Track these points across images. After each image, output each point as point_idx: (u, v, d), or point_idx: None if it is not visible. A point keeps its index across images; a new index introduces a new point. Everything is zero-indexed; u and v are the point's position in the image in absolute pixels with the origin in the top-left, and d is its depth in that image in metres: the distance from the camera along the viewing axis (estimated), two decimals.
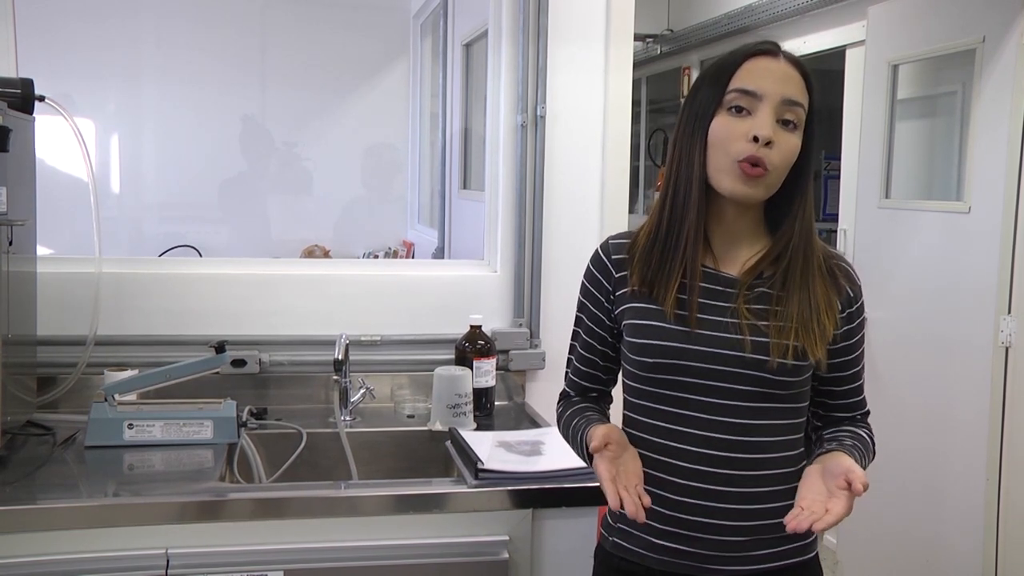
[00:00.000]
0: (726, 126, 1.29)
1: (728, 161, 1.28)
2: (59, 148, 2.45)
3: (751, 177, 1.27)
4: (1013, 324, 2.74)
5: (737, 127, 1.28)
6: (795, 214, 1.33)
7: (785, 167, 1.30)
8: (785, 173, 1.31)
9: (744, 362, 1.30)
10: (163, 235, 3.94)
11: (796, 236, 1.33)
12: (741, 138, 1.27)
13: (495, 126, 2.43)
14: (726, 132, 1.28)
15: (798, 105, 1.29)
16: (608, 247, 1.43)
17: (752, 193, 1.29)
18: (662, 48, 5.00)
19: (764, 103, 1.28)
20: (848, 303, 1.37)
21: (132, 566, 1.60)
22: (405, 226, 4.39)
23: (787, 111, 1.28)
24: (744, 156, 1.27)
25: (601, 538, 1.46)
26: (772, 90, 1.28)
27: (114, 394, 1.95)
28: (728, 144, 1.28)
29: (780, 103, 1.28)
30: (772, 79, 1.28)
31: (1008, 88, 2.72)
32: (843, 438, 1.38)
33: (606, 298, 1.42)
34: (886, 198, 3.28)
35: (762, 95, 1.28)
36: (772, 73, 1.29)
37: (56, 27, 3.83)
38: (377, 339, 2.33)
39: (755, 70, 1.29)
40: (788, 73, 1.30)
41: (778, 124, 1.28)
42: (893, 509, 3.17)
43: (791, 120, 1.29)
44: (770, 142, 1.26)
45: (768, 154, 1.27)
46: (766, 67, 1.29)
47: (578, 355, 1.48)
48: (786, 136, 1.28)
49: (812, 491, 1.24)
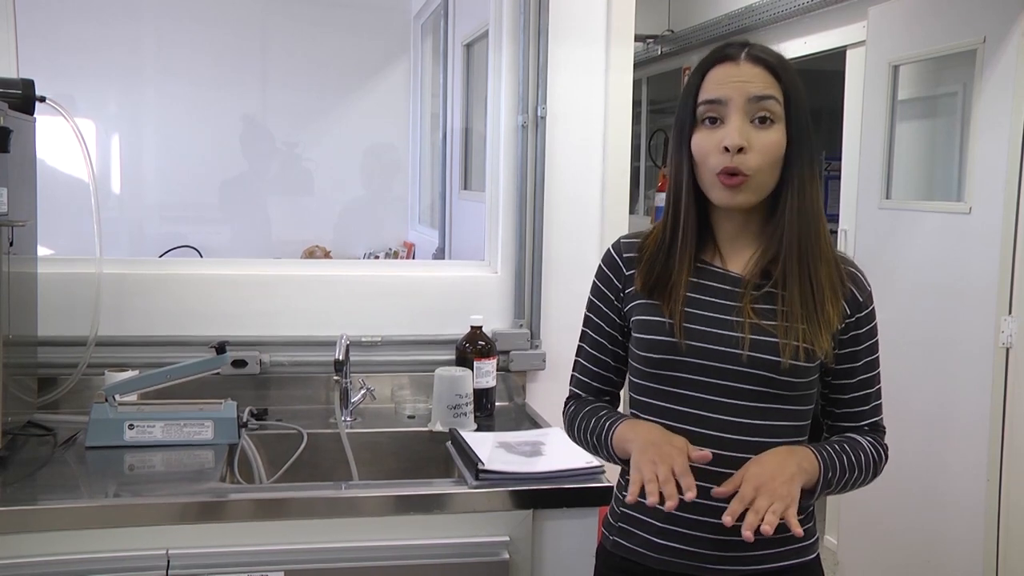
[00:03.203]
0: (702, 140, 1.31)
1: (710, 175, 1.30)
2: (60, 149, 2.45)
3: (731, 187, 1.28)
4: (1014, 325, 2.74)
5: (711, 140, 1.29)
6: (783, 207, 1.32)
7: (769, 165, 1.29)
8: (772, 171, 1.30)
9: (748, 361, 1.30)
10: (164, 236, 3.94)
11: (787, 227, 1.31)
12: (715, 150, 1.29)
13: (496, 126, 2.44)
14: (703, 146, 1.30)
15: (768, 99, 1.29)
16: (620, 246, 1.44)
17: (740, 200, 1.30)
18: (663, 48, 5.00)
19: (731, 109, 1.29)
20: (857, 308, 1.36)
21: (133, 567, 1.60)
22: (406, 227, 4.39)
23: (758, 108, 1.29)
24: (719, 168, 1.28)
25: (602, 537, 1.46)
26: (735, 94, 1.29)
27: (115, 395, 1.95)
28: (706, 159, 1.30)
29: (747, 103, 1.28)
30: (733, 83, 1.29)
31: (1009, 88, 2.72)
32: (834, 440, 1.37)
33: (616, 296, 1.42)
34: (887, 199, 3.28)
35: (727, 101, 1.29)
36: (733, 77, 1.30)
37: (57, 28, 3.83)
38: (378, 340, 2.33)
39: (717, 78, 1.31)
40: (750, 72, 1.30)
41: (753, 124, 1.28)
42: (894, 510, 3.17)
43: (766, 115, 1.29)
44: (741, 148, 1.27)
45: (743, 160, 1.27)
46: (727, 73, 1.30)
47: (587, 355, 1.47)
48: (762, 134, 1.29)
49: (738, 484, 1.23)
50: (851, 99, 3.55)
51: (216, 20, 4.06)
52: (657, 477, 1.19)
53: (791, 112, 1.30)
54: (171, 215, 4.15)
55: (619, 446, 1.35)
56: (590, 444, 1.42)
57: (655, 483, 1.19)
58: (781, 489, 1.21)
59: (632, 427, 1.34)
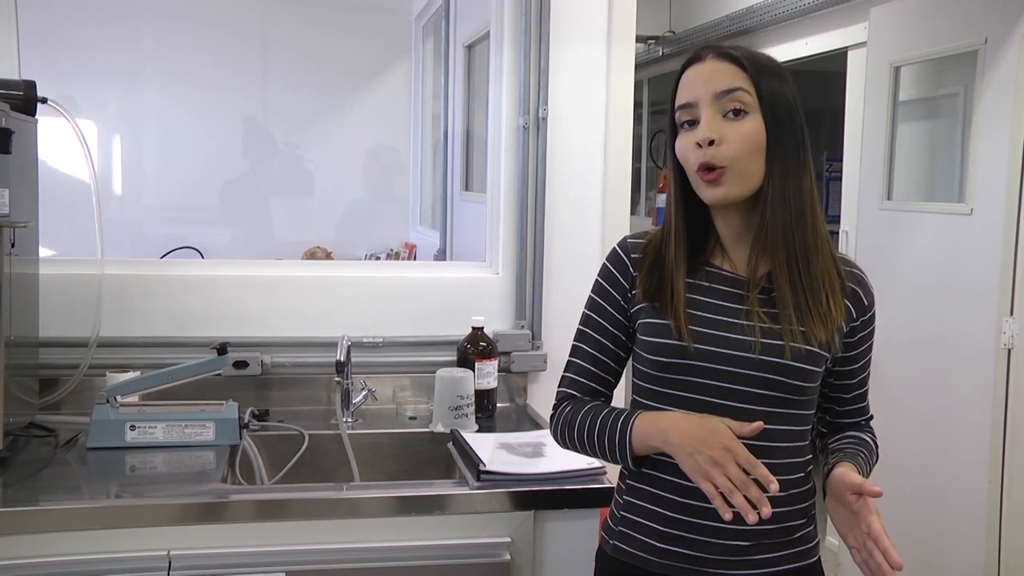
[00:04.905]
0: (681, 144, 1.34)
1: (692, 175, 1.32)
2: (61, 150, 2.45)
3: (710, 182, 1.30)
4: (1015, 326, 2.74)
5: (688, 141, 1.32)
6: (765, 194, 1.31)
7: (745, 154, 1.29)
8: (752, 160, 1.29)
9: (753, 364, 1.30)
10: (165, 237, 3.94)
11: (770, 215, 1.30)
12: (691, 150, 1.31)
13: (497, 128, 2.44)
14: (682, 149, 1.33)
15: (735, 91, 1.29)
16: (627, 245, 1.43)
17: (722, 193, 1.30)
18: (664, 50, 5.00)
19: (700, 108, 1.31)
20: (862, 311, 1.37)
21: (134, 567, 1.60)
22: (407, 228, 4.39)
23: (728, 101, 1.30)
24: (696, 165, 1.30)
25: (602, 541, 1.46)
26: (702, 92, 1.31)
27: (116, 396, 1.95)
28: (686, 160, 1.33)
29: (714, 99, 1.30)
30: (698, 82, 1.32)
31: (1010, 89, 2.72)
32: (846, 447, 1.40)
33: (623, 296, 1.41)
34: (888, 200, 3.28)
35: (696, 102, 1.31)
36: (698, 77, 1.32)
37: (58, 29, 3.83)
38: (379, 341, 2.33)
39: (685, 82, 1.34)
40: (714, 68, 1.32)
41: (727, 117, 1.30)
42: (895, 511, 3.16)
43: (738, 108, 1.29)
44: (712, 141, 1.28)
45: (716, 152, 1.28)
46: (694, 75, 1.33)
47: (586, 355, 1.44)
48: (735, 125, 1.29)
49: (846, 524, 1.30)
50: (852, 100, 3.55)
51: (217, 21, 4.06)
52: (731, 481, 1.20)
53: (764, 102, 1.30)
54: (172, 216, 4.15)
55: (642, 443, 1.32)
56: (596, 445, 1.37)
57: (735, 492, 1.20)
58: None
59: (654, 421, 1.31)
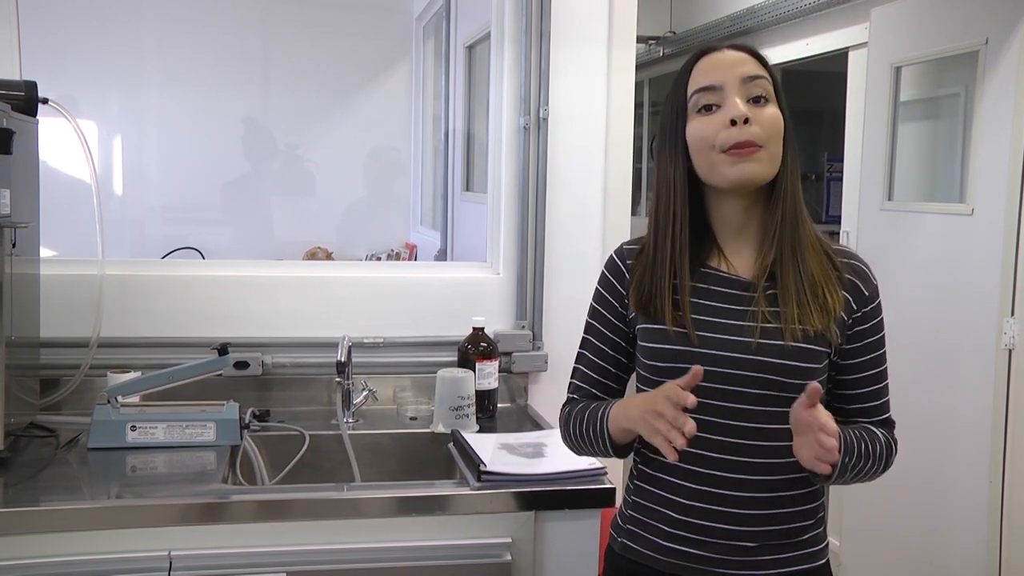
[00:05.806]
0: (701, 127, 1.30)
1: (717, 155, 1.29)
2: (62, 150, 2.45)
3: (745, 156, 1.27)
4: (1016, 326, 2.73)
5: (712, 123, 1.29)
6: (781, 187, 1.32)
7: (775, 137, 1.29)
8: (779, 145, 1.30)
9: (753, 364, 1.29)
10: (166, 237, 3.95)
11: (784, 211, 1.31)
12: (720, 129, 1.28)
13: (497, 128, 2.44)
14: (704, 131, 1.30)
15: (760, 78, 1.30)
16: (623, 252, 1.43)
17: (756, 169, 1.28)
18: (665, 50, 5.00)
19: (727, 90, 1.29)
20: (863, 302, 1.36)
21: (135, 568, 1.60)
22: (407, 228, 4.40)
23: (753, 87, 1.29)
24: (730, 144, 1.27)
25: (611, 539, 1.46)
26: (728, 75, 1.29)
27: (117, 396, 1.95)
28: (711, 140, 1.29)
29: (741, 83, 1.29)
30: (723, 67, 1.30)
31: (1011, 90, 2.72)
32: (851, 427, 1.34)
33: (620, 303, 1.41)
34: (889, 200, 3.27)
35: (721, 84, 1.29)
36: (722, 62, 1.31)
37: (60, 29, 3.84)
38: (380, 341, 2.33)
39: (705, 67, 1.32)
40: (737, 57, 1.32)
41: (749, 103, 1.29)
42: (896, 511, 3.16)
43: (760, 95, 1.29)
44: (747, 119, 1.27)
45: (751, 131, 1.27)
46: (715, 60, 1.32)
47: (588, 362, 1.45)
48: (762, 110, 1.29)
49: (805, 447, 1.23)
50: (853, 100, 3.55)
51: (218, 21, 4.07)
52: (666, 418, 1.18)
53: (780, 95, 1.32)
54: (173, 216, 4.16)
55: (616, 427, 1.33)
56: (586, 440, 1.39)
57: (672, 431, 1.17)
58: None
59: (622, 405, 1.33)
